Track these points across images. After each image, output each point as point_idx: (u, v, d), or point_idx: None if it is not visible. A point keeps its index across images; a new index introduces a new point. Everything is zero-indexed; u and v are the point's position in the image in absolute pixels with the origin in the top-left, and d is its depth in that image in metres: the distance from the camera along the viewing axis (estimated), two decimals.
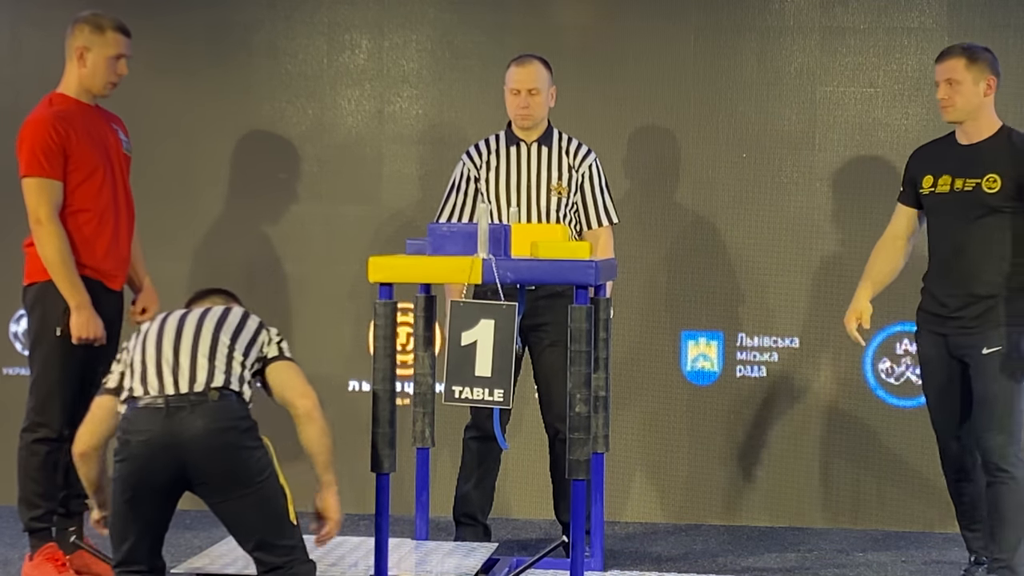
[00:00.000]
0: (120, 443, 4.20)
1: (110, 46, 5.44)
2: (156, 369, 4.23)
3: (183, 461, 4.14)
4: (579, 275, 4.96)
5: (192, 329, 4.31)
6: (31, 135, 5.36)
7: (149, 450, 4.13)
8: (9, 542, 6.17)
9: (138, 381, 4.23)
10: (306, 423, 4.36)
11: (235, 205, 6.95)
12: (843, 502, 6.76)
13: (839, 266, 6.75)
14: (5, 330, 7.01)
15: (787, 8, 6.79)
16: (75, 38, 5.45)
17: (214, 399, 4.18)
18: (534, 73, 5.80)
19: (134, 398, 4.21)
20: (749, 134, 6.78)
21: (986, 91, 5.35)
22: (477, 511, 5.88)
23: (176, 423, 4.13)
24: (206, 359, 4.24)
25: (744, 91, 6.78)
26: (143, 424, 4.15)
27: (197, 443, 4.13)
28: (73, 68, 5.47)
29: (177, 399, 4.16)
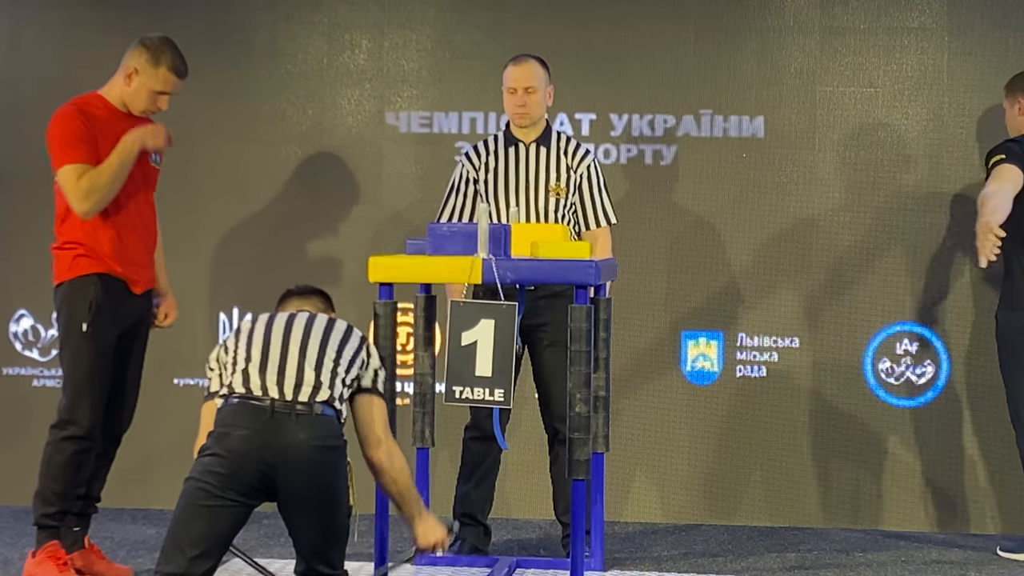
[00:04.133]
0: (215, 435, 4.13)
1: (158, 82, 5.42)
2: (260, 369, 4.19)
3: (277, 467, 4.08)
4: (579, 275, 4.96)
5: (299, 336, 4.27)
6: (58, 126, 5.33)
7: (248, 446, 4.07)
8: (9, 542, 6.17)
9: (240, 378, 4.19)
10: (378, 475, 4.39)
11: (235, 205, 6.95)
12: (843, 502, 6.76)
13: (839, 266, 6.75)
14: (5, 330, 7.02)
15: (787, 8, 6.79)
16: (132, 57, 5.43)
17: (318, 413, 4.15)
18: (530, 71, 5.80)
19: (236, 394, 4.16)
20: (748, 134, 6.77)
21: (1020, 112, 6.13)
22: (477, 511, 5.88)
23: (280, 427, 4.09)
24: (313, 371, 4.21)
25: (744, 91, 6.78)
26: (245, 420, 4.10)
27: (296, 453, 4.09)
28: (119, 80, 5.45)
29: (283, 404, 4.12)
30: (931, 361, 6.74)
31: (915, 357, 6.74)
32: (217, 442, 4.12)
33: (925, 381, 6.74)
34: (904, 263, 6.74)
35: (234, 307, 6.94)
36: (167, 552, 4.14)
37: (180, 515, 4.15)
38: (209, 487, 4.10)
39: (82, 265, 5.37)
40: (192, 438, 6.88)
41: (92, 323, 5.35)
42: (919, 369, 6.75)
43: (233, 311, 6.94)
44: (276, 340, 4.26)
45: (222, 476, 4.09)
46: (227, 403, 4.17)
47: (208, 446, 4.15)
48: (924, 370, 6.73)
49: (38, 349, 7.00)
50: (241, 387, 4.17)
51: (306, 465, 4.10)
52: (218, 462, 4.09)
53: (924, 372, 6.73)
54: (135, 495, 6.89)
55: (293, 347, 4.25)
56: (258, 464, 4.08)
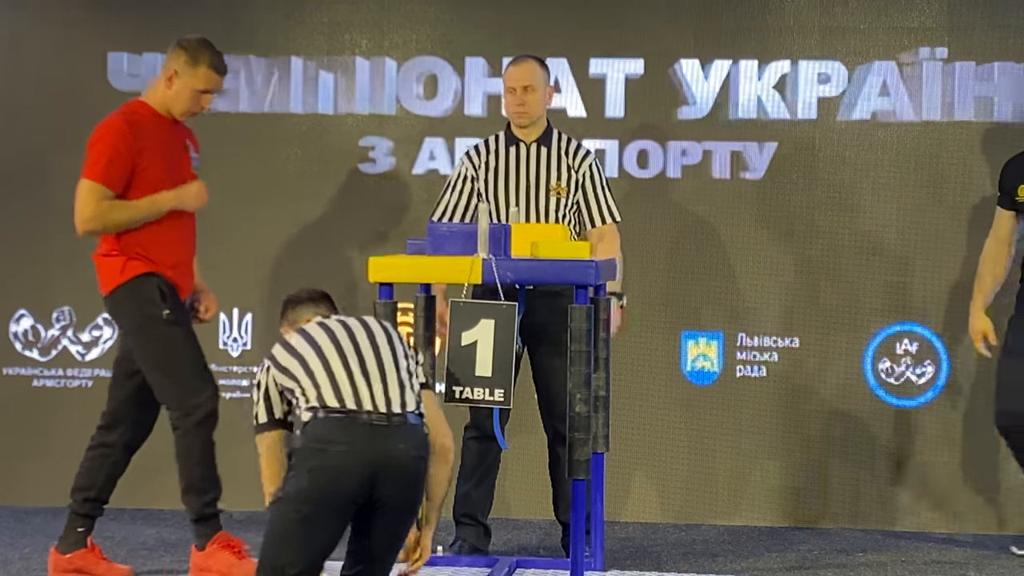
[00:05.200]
0: (310, 452, 4.02)
1: (200, 81, 5.42)
2: (349, 382, 4.11)
3: (376, 478, 4.03)
4: (579, 275, 4.96)
5: (369, 346, 4.21)
6: (105, 139, 5.32)
7: (349, 461, 4.00)
8: (9, 542, 6.17)
9: (329, 391, 4.09)
10: (440, 462, 4.31)
11: (235, 205, 6.95)
12: (843, 502, 6.75)
13: (839, 266, 6.74)
14: (5, 330, 7.02)
15: (787, 8, 6.79)
16: (171, 60, 5.43)
17: (411, 422, 4.12)
18: (529, 70, 5.81)
19: (329, 408, 4.07)
20: (748, 134, 6.77)
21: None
22: (477, 511, 5.88)
23: (380, 440, 4.04)
24: (396, 381, 4.17)
25: (744, 91, 6.78)
26: (344, 435, 4.02)
27: (397, 464, 4.05)
28: (160, 85, 5.45)
29: (380, 416, 4.07)
30: (931, 361, 6.73)
31: (915, 357, 6.74)
32: (313, 458, 4.01)
33: (925, 381, 6.74)
34: (904, 263, 6.73)
35: (234, 307, 6.94)
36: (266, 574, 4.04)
37: (279, 536, 4.03)
38: (308, 506, 4.00)
39: (136, 267, 5.34)
40: None
41: (170, 309, 5.30)
42: (919, 369, 6.75)
43: (233, 311, 6.94)
44: (350, 352, 4.17)
45: (322, 494, 4.00)
46: (316, 418, 4.07)
47: (301, 463, 4.03)
48: (924, 370, 6.73)
49: (38, 349, 7.00)
50: (334, 401, 4.07)
51: (405, 475, 4.07)
52: (318, 479, 4.00)
53: (924, 372, 6.73)
54: (135, 495, 6.87)
55: (369, 357, 4.18)
56: (359, 478, 4.01)
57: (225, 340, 6.94)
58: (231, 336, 6.94)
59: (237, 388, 6.95)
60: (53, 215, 6.96)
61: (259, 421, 4.29)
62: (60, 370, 6.99)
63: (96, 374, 6.97)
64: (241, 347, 6.94)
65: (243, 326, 6.95)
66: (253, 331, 6.95)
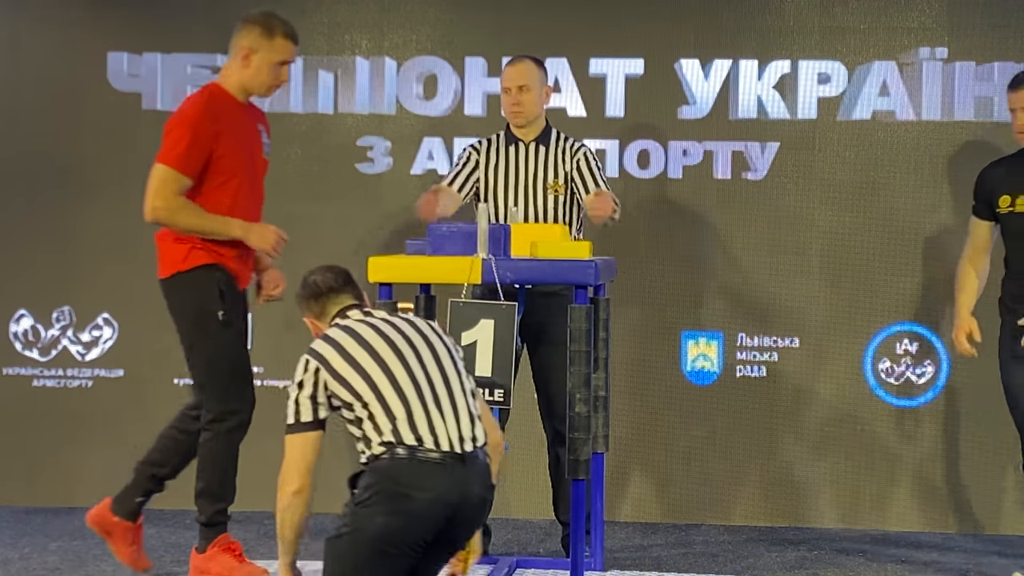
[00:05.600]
0: (392, 494, 3.92)
1: (277, 52, 5.34)
2: (426, 417, 3.99)
3: (451, 521, 3.98)
4: (579, 275, 4.96)
5: (437, 370, 4.08)
6: (184, 124, 5.23)
7: (432, 508, 3.92)
8: (9, 542, 6.17)
9: (406, 427, 3.97)
10: (495, 457, 4.23)
11: None
12: (843, 502, 6.76)
13: (839, 266, 6.74)
14: (5, 330, 7.02)
15: (787, 8, 6.79)
16: (243, 37, 5.35)
17: (481, 459, 4.05)
18: (524, 70, 5.83)
19: (406, 445, 3.96)
20: (749, 134, 6.77)
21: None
22: None
23: (459, 484, 3.96)
24: (466, 411, 4.07)
25: (744, 91, 6.78)
26: (427, 481, 3.92)
27: (472, 506, 4.01)
28: (235, 66, 5.36)
29: (454, 457, 3.97)
30: (931, 361, 6.74)
31: (915, 357, 6.74)
32: (395, 501, 3.92)
33: (925, 381, 6.74)
34: (904, 263, 6.74)
35: None
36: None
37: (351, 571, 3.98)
38: (386, 546, 3.93)
39: (198, 256, 5.26)
40: None
41: (227, 311, 5.25)
42: (919, 369, 6.75)
43: None
44: (420, 377, 4.04)
45: (401, 538, 3.93)
46: (394, 456, 3.96)
47: (380, 502, 3.93)
48: (924, 370, 6.73)
49: (38, 349, 7.00)
50: (411, 439, 3.96)
51: (475, 517, 4.06)
52: (399, 523, 3.92)
53: (924, 372, 6.73)
54: None
55: (439, 385, 4.06)
56: (438, 522, 3.96)
57: None
58: None
59: None
60: (53, 215, 6.97)
61: (300, 419, 4.10)
62: (60, 370, 6.99)
63: (96, 374, 6.97)
64: None
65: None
66: (253, 331, 6.94)
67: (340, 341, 4.11)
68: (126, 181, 6.95)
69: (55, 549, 6.04)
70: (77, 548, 6.07)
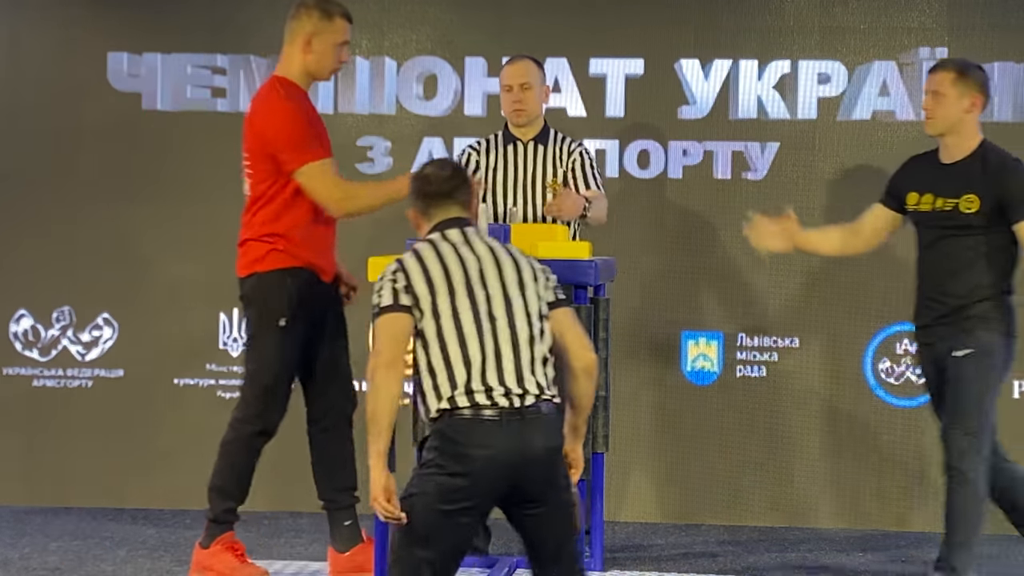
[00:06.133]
0: (451, 455, 3.92)
1: (338, 32, 5.29)
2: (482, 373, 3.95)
3: (518, 477, 3.94)
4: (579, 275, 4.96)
5: (504, 314, 4.00)
6: (291, 120, 5.18)
7: (490, 464, 3.90)
8: (9, 542, 6.17)
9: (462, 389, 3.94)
10: (586, 379, 4.13)
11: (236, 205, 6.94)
12: (843, 502, 6.75)
13: (839, 266, 6.74)
14: (5, 330, 7.01)
15: (787, 8, 6.79)
16: (302, 23, 5.30)
17: (544, 412, 3.99)
18: (524, 69, 5.86)
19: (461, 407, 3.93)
20: (749, 134, 6.77)
21: (969, 108, 5.33)
22: None
23: (516, 440, 3.92)
24: (529, 360, 4.00)
25: (744, 91, 6.78)
26: (483, 438, 3.91)
27: (536, 461, 3.95)
28: (296, 53, 5.30)
29: (510, 412, 3.93)
30: None
31: (915, 357, 6.73)
32: (452, 460, 3.92)
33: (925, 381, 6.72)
34: (904, 263, 6.72)
35: (234, 307, 6.93)
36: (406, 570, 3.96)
37: (416, 532, 3.95)
38: (448, 505, 3.92)
39: (276, 259, 5.23)
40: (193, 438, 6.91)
41: (290, 318, 5.21)
42: (919, 369, 6.74)
43: (233, 311, 6.94)
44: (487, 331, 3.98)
45: (462, 495, 3.92)
46: (453, 415, 3.94)
47: (439, 463, 3.93)
48: None
49: (38, 349, 7.00)
50: (465, 399, 3.94)
51: (544, 470, 3.99)
52: (458, 483, 3.91)
53: None
54: (135, 495, 6.89)
55: (503, 332, 3.99)
56: (500, 480, 3.94)
57: (225, 340, 6.94)
58: (231, 336, 6.94)
59: (237, 388, 6.93)
60: (53, 215, 6.96)
61: (382, 303, 4.03)
62: (60, 370, 6.99)
63: (96, 374, 6.97)
64: (241, 347, 6.93)
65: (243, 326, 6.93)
66: None
67: (428, 267, 4.05)
68: (126, 181, 6.96)
69: (55, 549, 6.04)
70: (77, 548, 6.07)
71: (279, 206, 5.25)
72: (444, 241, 4.11)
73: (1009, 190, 5.26)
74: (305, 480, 5.57)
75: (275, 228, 5.26)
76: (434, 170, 4.25)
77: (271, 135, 5.18)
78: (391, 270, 4.07)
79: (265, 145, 5.20)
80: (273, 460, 6.90)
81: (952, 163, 5.38)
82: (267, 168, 5.24)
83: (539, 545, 4.06)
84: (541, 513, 4.01)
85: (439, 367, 3.98)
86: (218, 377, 6.94)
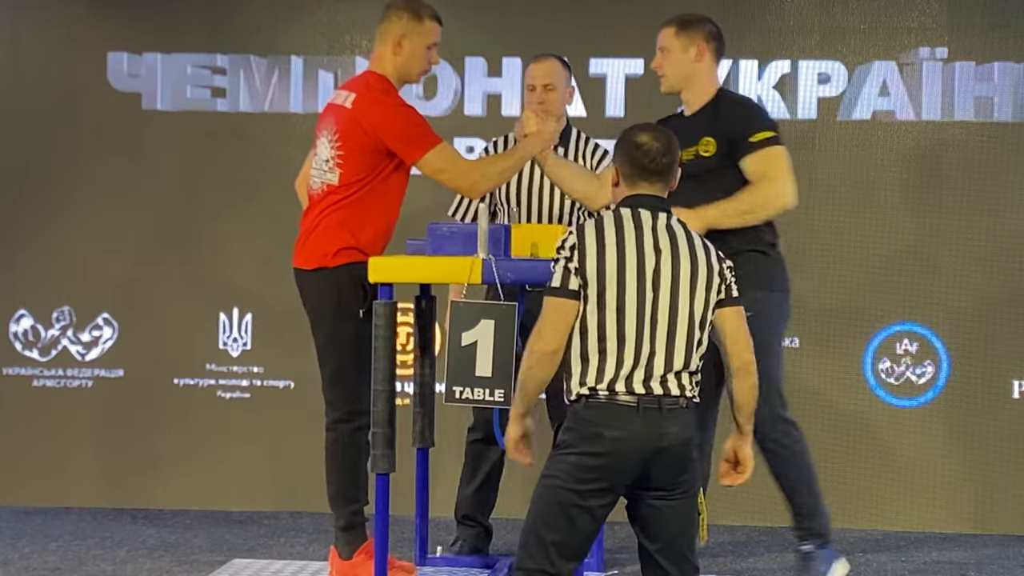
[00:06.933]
0: (585, 436, 3.93)
1: (428, 35, 5.26)
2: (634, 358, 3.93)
3: (650, 464, 3.94)
4: None
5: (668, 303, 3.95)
6: (401, 115, 5.14)
7: (621, 447, 3.90)
8: (9, 542, 6.17)
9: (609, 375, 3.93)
10: (744, 377, 4.12)
11: (236, 205, 6.96)
12: (843, 502, 6.75)
13: (839, 266, 6.74)
14: (5, 330, 7.01)
15: (787, 8, 6.79)
16: (392, 24, 5.26)
17: (683, 407, 3.98)
18: (550, 69, 5.79)
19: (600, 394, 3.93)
20: None
21: (696, 57, 5.27)
22: (478, 512, 5.87)
23: (652, 426, 3.92)
24: (683, 355, 3.96)
25: (743, 91, 6.77)
26: (619, 422, 3.91)
27: (668, 448, 3.94)
28: (387, 54, 5.25)
29: (648, 399, 3.92)
30: (931, 361, 6.74)
31: (915, 357, 6.74)
32: (585, 442, 3.93)
33: (925, 381, 6.74)
34: (904, 263, 6.73)
35: (234, 307, 6.94)
36: (532, 551, 3.95)
37: (546, 515, 3.95)
38: (579, 485, 3.92)
39: (347, 255, 5.14)
40: (193, 438, 6.91)
41: (367, 309, 5.09)
42: (919, 369, 6.75)
43: (233, 311, 6.94)
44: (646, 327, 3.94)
45: (592, 476, 3.92)
46: (593, 399, 3.94)
47: (573, 445, 3.95)
48: (924, 370, 6.73)
49: (38, 349, 7.00)
50: (606, 387, 3.93)
51: (676, 459, 3.98)
52: (588, 463, 3.92)
53: (924, 372, 6.73)
54: (135, 495, 6.89)
55: (662, 320, 3.95)
56: (630, 463, 3.94)
57: (225, 340, 6.94)
58: (231, 336, 6.94)
59: (237, 388, 6.94)
60: (53, 215, 6.97)
61: (554, 284, 3.97)
62: (60, 370, 6.99)
63: (96, 374, 6.97)
64: (241, 347, 6.94)
65: (243, 326, 6.94)
66: (253, 331, 6.95)
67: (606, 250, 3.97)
68: (126, 181, 6.96)
69: (55, 549, 6.05)
70: (77, 548, 6.07)
71: (360, 200, 5.17)
72: (631, 222, 4.01)
73: (736, 126, 5.19)
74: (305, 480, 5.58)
75: (345, 224, 5.16)
76: (650, 140, 4.11)
77: (387, 130, 5.12)
78: (569, 244, 3.98)
79: (375, 139, 5.12)
80: (273, 460, 6.91)
81: (691, 115, 5.32)
82: (366, 162, 5.16)
83: (654, 537, 4.04)
84: (665, 504, 4.01)
85: (591, 358, 3.96)
86: (218, 377, 6.94)
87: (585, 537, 3.97)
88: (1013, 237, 6.67)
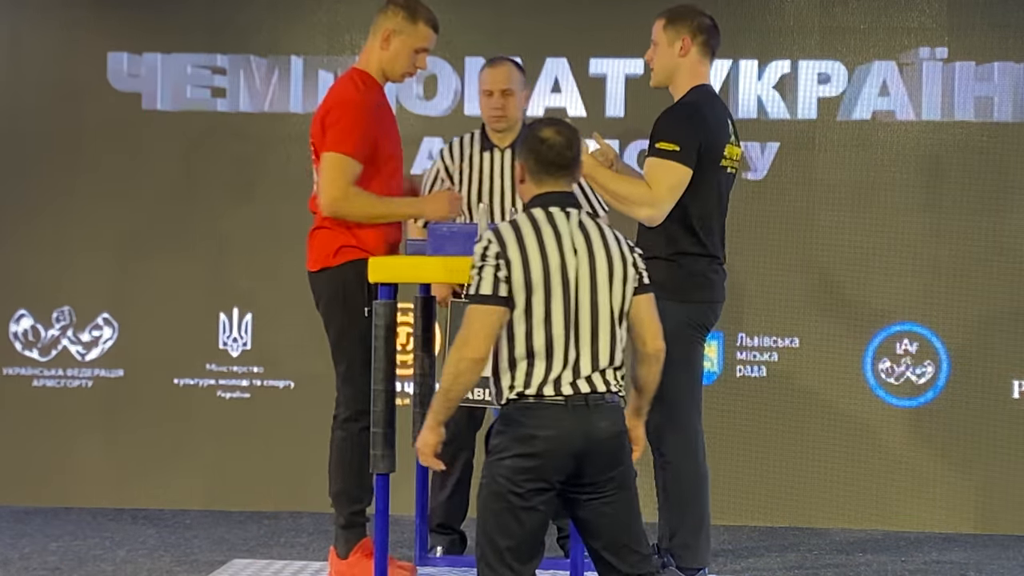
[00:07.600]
0: (516, 438, 3.95)
1: (419, 38, 5.23)
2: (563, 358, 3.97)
3: (581, 460, 3.97)
4: None
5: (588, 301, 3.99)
6: (352, 115, 5.07)
7: (553, 447, 3.93)
8: (9, 542, 6.17)
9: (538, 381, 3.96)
10: (653, 363, 4.17)
11: (236, 205, 6.96)
12: (843, 502, 6.75)
13: (839, 266, 6.75)
14: (5, 330, 7.02)
15: (787, 8, 6.79)
16: (386, 19, 5.24)
17: (610, 403, 4.02)
18: (507, 74, 5.72)
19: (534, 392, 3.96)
20: (749, 134, 6.77)
21: (681, 52, 5.15)
22: (452, 520, 5.78)
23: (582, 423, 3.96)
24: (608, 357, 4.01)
25: (743, 91, 6.78)
26: (549, 421, 3.95)
27: (598, 443, 3.98)
28: (375, 48, 5.24)
29: (576, 399, 3.97)
30: (931, 361, 6.74)
31: (915, 357, 6.74)
32: (519, 443, 3.95)
33: (925, 381, 6.74)
34: (904, 263, 6.74)
35: (234, 307, 6.94)
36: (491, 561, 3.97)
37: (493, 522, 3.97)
38: (519, 488, 3.94)
39: (348, 254, 5.13)
40: (193, 438, 6.91)
41: (371, 307, 5.07)
42: (919, 369, 6.75)
43: (233, 311, 6.94)
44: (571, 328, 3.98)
45: (530, 475, 3.94)
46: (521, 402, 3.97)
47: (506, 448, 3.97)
48: (924, 370, 6.73)
49: (38, 349, 7.00)
50: (534, 391, 3.96)
51: (608, 454, 4.02)
52: (525, 464, 3.94)
53: (924, 372, 6.73)
54: (135, 495, 6.89)
55: (585, 319, 4.00)
56: (566, 461, 3.96)
57: (225, 340, 6.95)
58: (231, 336, 6.94)
59: (237, 388, 6.95)
60: (53, 215, 6.97)
61: (481, 291, 3.99)
62: (60, 370, 6.99)
63: (96, 374, 6.97)
64: (241, 347, 6.94)
65: (243, 326, 6.95)
66: (253, 331, 6.95)
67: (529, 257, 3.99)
68: (126, 181, 6.96)
69: (55, 549, 6.05)
70: (77, 548, 6.07)
71: None
72: (548, 225, 4.04)
73: (655, 127, 5.10)
74: (305, 480, 5.58)
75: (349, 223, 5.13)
76: (554, 135, 4.12)
77: (330, 116, 5.10)
78: (493, 252, 4.00)
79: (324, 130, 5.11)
80: (273, 460, 6.91)
81: None
82: None
83: (595, 535, 4.09)
84: (600, 502, 4.04)
85: (520, 364, 3.99)
86: (218, 377, 6.94)
87: (536, 535, 4.00)
88: (1013, 237, 6.67)
